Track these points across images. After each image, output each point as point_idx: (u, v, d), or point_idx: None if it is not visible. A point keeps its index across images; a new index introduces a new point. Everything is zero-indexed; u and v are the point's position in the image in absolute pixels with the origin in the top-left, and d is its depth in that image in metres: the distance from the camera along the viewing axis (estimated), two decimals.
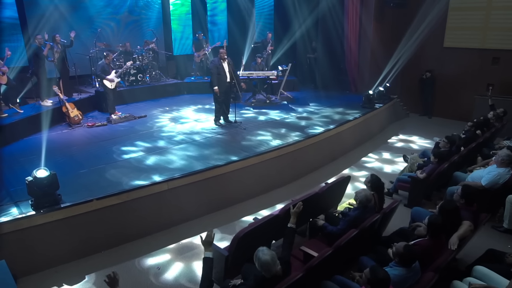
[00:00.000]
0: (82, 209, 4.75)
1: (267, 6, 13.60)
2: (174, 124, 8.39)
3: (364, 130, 9.09)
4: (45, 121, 8.10)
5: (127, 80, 10.84)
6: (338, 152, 8.08)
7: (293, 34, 12.66)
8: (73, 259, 4.75)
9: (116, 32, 11.80)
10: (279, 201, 6.21)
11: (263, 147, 6.74)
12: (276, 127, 8.06)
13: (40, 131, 7.84)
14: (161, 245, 5.11)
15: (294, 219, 3.60)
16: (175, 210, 5.48)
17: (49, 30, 9.40)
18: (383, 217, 4.34)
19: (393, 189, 6.27)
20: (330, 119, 8.62)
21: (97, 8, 11.28)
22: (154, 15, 12.69)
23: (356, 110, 9.40)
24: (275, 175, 6.65)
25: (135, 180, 5.38)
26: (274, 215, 4.29)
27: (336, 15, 11.59)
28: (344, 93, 11.59)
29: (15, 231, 4.37)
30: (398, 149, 8.75)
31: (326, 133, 7.70)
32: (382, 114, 10.01)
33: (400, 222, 5.08)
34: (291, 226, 3.58)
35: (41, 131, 7.81)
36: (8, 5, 9.65)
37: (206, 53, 11.81)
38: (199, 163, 6.01)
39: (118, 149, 6.72)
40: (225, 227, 5.55)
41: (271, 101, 10.47)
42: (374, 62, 11.19)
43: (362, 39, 11.34)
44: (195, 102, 10.53)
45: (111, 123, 8.38)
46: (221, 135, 7.57)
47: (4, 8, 9.57)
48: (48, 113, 8.26)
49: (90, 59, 10.60)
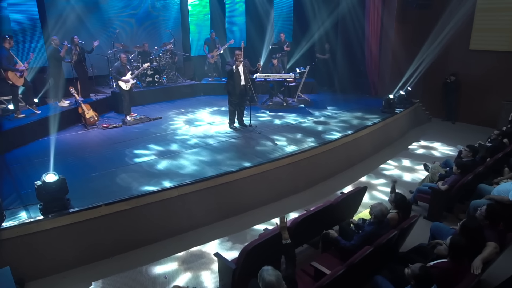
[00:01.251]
0: (90, 215, 4.69)
1: (286, 7, 13.40)
2: (189, 126, 8.30)
3: (383, 136, 8.78)
4: (61, 122, 8.17)
5: (144, 81, 10.84)
6: (356, 159, 7.82)
7: (312, 36, 12.41)
8: (80, 265, 4.71)
9: (134, 33, 11.83)
10: (292, 209, 6.03)
11: (277, 153, 6.55)
12: (292, 131, 7.86)
13: (56, 132, 7.88)
14: (170, 252, 5.01)
15: (285, 234, 3.40)
16: (185, 216, 5.37)
17: (68, 31, 9.48)
18: (400, 233, 4.09)
19: (412, 200, 5.97)
20: (348, 124, 8.36)
21: (116, 9, 11.33)
22: (172, 15, 12.67)
23: (375, 114, 9.09)
24: (289, 182, 6.47)
25: (145, 186, 5.29)
26: None
27: (356, 16, 11.29)
28: (363, 97, 11.28)
29: (23, 236, 4.35)
30: (419, 156, 8.41)
31: (344, 138, 7.45)
32: (402, 119, 9.66)
33: (419, 236, 4.82)
34: (285, 242, 3.39)
35: (57, 132, 7.87)
36: (30, 7, 9.78)
37: (220, 51, 11.63)
38: (211, 169, 5.88)
39: (130, 152, 6.66)
40: (235, 236, 5.41)
41: (288, 104, 10.28)
42: (396, 64, 10.83)
43: (383, 41, 11.00)
44: (211, 104, 10.44)
45: (125, 124, 8.37)
46: (235, 139, 7.42)
47: (26, 9, 9.72)
48: (64, 114, 8.34)
49: (108, 60, 10.67)
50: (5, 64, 7.37)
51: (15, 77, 7.57)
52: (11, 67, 7.44)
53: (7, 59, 7.40)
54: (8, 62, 7.41)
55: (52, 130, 7.81)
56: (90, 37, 10.74)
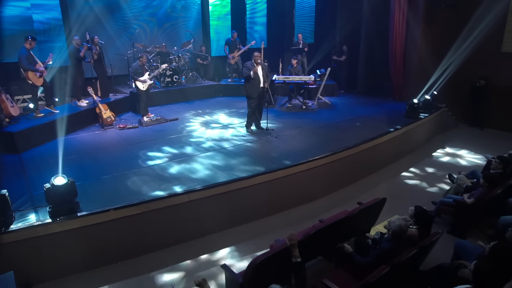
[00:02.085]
0: (99, 219, 4.61)
1: (308, 7, 13.12)
2: (205, 129, 8.18)
3: (406, 142, 8.40)
4: (79, 121, 8.24)
5: (163, 81, 10.83)
6: (376, 166, 7.49)
7: (334, 37, 12.10)
8: (88, 269, 4.64)
9: (154, 33, 11.87)
10: (307, 218, 5.78)
11: (293, 159, 6.32)
12: (309, 136, 7.61)
13: (74, 131, 7.97)
14: (178, 259, 4.88)
15: (295, 252, 3.18)
16: (195, 223, 5.23)
17: (89, 31, 9.57)
18: (420, 251, 3.80)
19: (434, 212, 5.62)
20: (369, 129, 8.00)
21: (136, 9, 11.40)
22: (193, 15, 12.65)
23: (398, 120, 8.71)
24: (304, 190, 6.23)
25: (155, 190, 5.19)
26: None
27: (381, 17, 10.91)
28: (386, 100, 10.89)
29: (31, 238, 4.31)
30: (444, 164, 7.99)
31: (363, 145, 7.14)
32: (427, 124, 9.22)
33: (441, 253, 4.51)
34: (295, 260, 3.17)
35: (75, 132, 7.94)
36: (53, 7, 9.93)
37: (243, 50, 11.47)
38: (223, 174, 5.72)
39: (144, 154, 6.59)
40: (246, 244, 5.23)
41: (307, 107, 10.03)
42: (421, 67, 10.39)
43: (409, 43, 10.57)
44: (229, 106, 10.30)
45: (142, 125, 8.34)
46: (251, 143, 7.24)
47: (50, 10, 9.87)
48: (82, 114, 8.40)
49: (128, 60, 10.71)
50: (25, 64, 7.46)
51: (35, 77, 7.64)
52: (31, 67, 7.52)
53: (27, 59, 7.48)
54: (28, 62, 7.49)
55: (70, 129, 7.88)
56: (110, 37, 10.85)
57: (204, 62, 11.88)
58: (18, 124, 7.23)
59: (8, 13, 8.98)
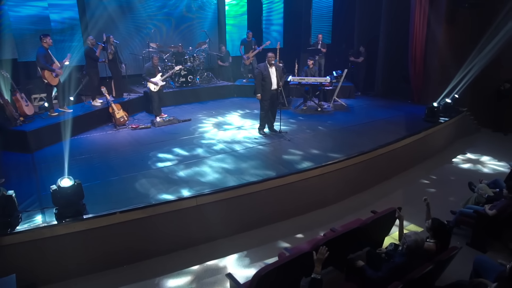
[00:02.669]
0: (105, 222, 4.55)
1: (325, 7, 12.87)
2: (217, 130, 8.07)
3: (425, 147, 8.09)
4: (92, 121, 8.26)
5: (177, 81, 10.79)
6: (392, 171, 7.23)
7: (351, 38, 11.83)
8: (93, 272, 4.59)
9: (169, 32, 11.84)
10: (318, 225, 5.62)
11: (305, 164, 6.15)
12: (324, 139, 7.41)
13: (87, 131, 7.99)
14: (185, 265, 4.78)
15: (319, 268, 3.00)
16: (202, 227, 5.12)
17: (105, 30, 9.62)
18: (437, 266, 3.58)
19: (453, 223, 5.36)
20: (386, 133, 7.73)
21: (152, 8, 11.39)
22: (209, 15, 12.58)
23: (416, 123, 8.41)
24: (317, 195, 6.05)
25: (163, 193, 5.10)
26: (303, 251, 3.72)
27: (400, 17, 10.59)
28: (404, 103, 10.55)
29: (36, 240, 4.27)
30: (464, 171, 7.66)
31: (380, 149, 6.90)
32: (447, 129, 8.88)
33: (459, 267, 4.26)
34: (315, 277, 2.99)
35: (88, 131, 7.96)
36: (70, 7, 10.01)
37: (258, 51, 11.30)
38: (233, 178, 5.59)
39: (154, 156, 6.53)
40: (255, 250, 5.10)
41: (322, 109, 9.81)
42: (442, 69, 10.02)
43: (430, 44, 10.20)
44: (243, 107, 10.18)
45: (154, 126, 8.29)
46: (263, 146, 7.09)
47: (67, 9, 9.95)
48: (96, 114, 8.41)
49: (143, 59, 10.71)
50: (42, 63, 7.50)
51: (51, 77, 7.68)
52: (48, 66, 7.56)
53: (45, 58, 7.53)
54: (45, 61, 7.53)
55: (83, 129, 7.91)
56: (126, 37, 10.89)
57: (225, 64, 11.77)
58: (32, 123, 7.27)
59: (26, 12, 9.09)
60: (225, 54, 11.84)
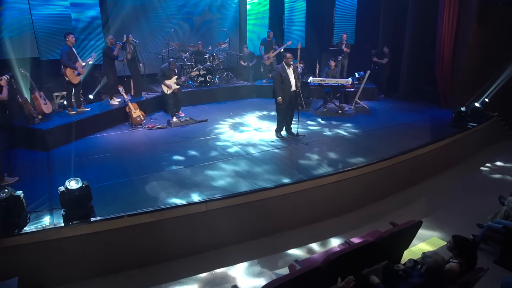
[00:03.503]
0: (112, 225, 4.46)
1: (349, 6, 12.48)
2: (233, 131, 7.92)
3: (450, 154, 7.66)
4: (109, 120, 8.27)
5: (196, 81, 10.71)
6: (414, 179, 6.86)
7: (375, 38, 11.42)
8: (100, 275, 4.52)
9: (190, 31, 11.79)
10: (333, 234, 5.39)
11: (322, 169, 5.90)
12: (342, 144, 7.12)
13: (104, 129, 7.99)
14: (192, 272, 4.64)
15: None
16: (212, 233, 4.97)
17: (126, 29, 9.63)
18: None
19: (479, 238, 5.00)
20: (409, 138, 7.35)
21: (173, 8, 11.35)
22: (230, 14, 12.44)
23: (442, 129, 7.99)
24: (333, 203, 5.79)
25: (173, 197, 4.97)
26: (315, 266, 3.50)
27: (428, 15, 10.13)
28: (430, 107, 10.08)
29: (43, 241, 4.23)
30: (493, 181, 7.20)
31: (401, 156, 6.56)
32: (475, 135, 8.39)
33: None
34: None
35: (104, 130, 7.96)
36: (93, 6, 10.08)
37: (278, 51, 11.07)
38: (245, 183, 5.41)
39: (167, 157, 6.42)
40: (266, 259, 4.90)
41: (343, 112, 9.49)
42: (471, 72, 9.51)
43: (459, 45, 9.69)
44: (261, 108, 9.98)
45: (170, 126, 8.22)
46: (279, 149, 6.88)
47: (89, 8, 10.03)
48: (113, 113, 8.41)
49: (163, 59, 10.68)
50: (65, 60, 7.56)
51: (72, 75, 7.73)
52: (70, 64, 7.60)
53: (68, 55, 7.58)
54: (68, 58, 7.58)
55: (100, 128, 7.93)
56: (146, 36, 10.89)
57: (250, 64, 11.62)
58: (49, 121, 7.32)
59: (48, 11, 9.20)
60: (248, 54, 11.69)
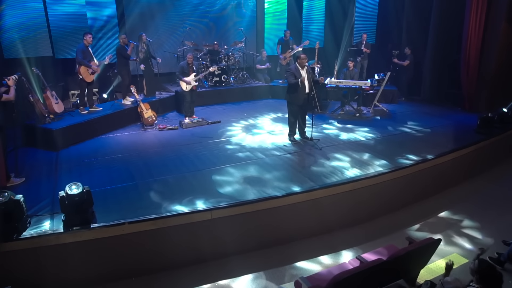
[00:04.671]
0: (113, 232, 4.31)
1: (370, 5, 12.05)
2: (245, 134, 7.69)
3: (474, 163, 7.19)
4: (121, 120, 8.20)
5: (211, 80, 10.54)
6: (434, 189, 6.46)
7: (397, 38, 10.96)
8: (100, 283, 4.37)
9: (206, 30, 11.64)
10: (345, 247, 5.09)
11: (335, 177, 5.60)
12: (359, 150, 6.79)
13: (115, 129, 7.93)
14: (194, 283, 4.44)
15: None
16: (216, 243, 4.76)
17: (142, 28, 9.55)
18: None
19: (505, 257, 4.61)
20: (429, 145, 6.95)
21: (189, 6, 11.22)
22: (247, 13, 12.24)
23: (467, 135, 7.53)
24: (346, 213, 5.49)
25: (177, 204, 4.79)
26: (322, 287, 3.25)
27: (453, 15, 9.63)
28: (454, 111, 9.57)
29: (41, 247, 4.11)
30: None
31: (421, 164, 6.18)
32: (502, 142, 7.88)
33: None
34: None
35: (116, 130, 7.90)
36: (109, 4, 10.06)
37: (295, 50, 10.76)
38: (253, 190, 5.18)
39: (175, 161, 6.26)
40: (272, 272, 4.66)
41: (361, 115, 9.13)
42: (500, 75, 8.98)
43: (486, 45, 9.15)
44: (275, 109, 9.72)
45: (182, 127, 8.07)
46: (291, 154, 6.61)
47: (105, 7, 10.01)
48: (125, 113, 8.34)
49: (177, 58, 10.57)
50: (79, 57, 7.54)
51: (86, 73, 7.69)
52: (84, 62, 7.58)
53: (83, 53, 7.55)
54: (83, 56, 7.55)
55: (111, 128, 7.86)
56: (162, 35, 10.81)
57: (263, 67, 11.41)
58: (60, 121, 7.28)
59: (63, 10, 9.21)
60: (266, 59, 11.47)
